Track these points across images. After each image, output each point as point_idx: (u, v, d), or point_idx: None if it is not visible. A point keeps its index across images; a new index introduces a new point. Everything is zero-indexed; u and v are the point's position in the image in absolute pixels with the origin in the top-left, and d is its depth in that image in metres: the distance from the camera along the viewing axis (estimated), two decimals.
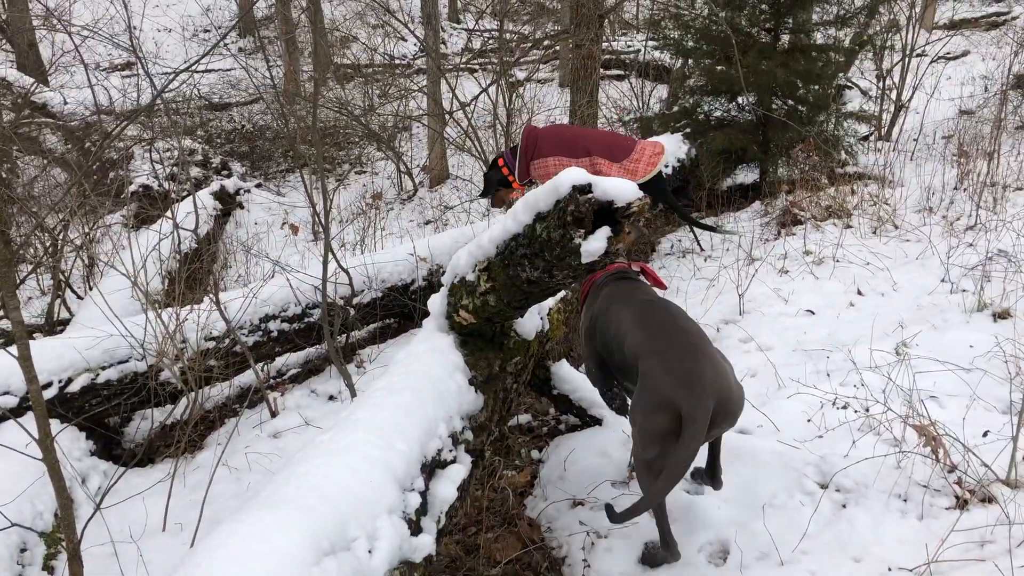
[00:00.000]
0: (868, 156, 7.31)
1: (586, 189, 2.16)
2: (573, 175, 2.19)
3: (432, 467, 2.31)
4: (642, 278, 3.25)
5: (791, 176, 6.73)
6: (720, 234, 5.56)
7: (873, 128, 8.22)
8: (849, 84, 8.37)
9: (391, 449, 2.10)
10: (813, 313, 4.49)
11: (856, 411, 3.36)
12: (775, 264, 5.14)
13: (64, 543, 2.97)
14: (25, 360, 2.72)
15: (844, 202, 5.90)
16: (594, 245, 2.15)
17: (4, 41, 11.18)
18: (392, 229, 8.02)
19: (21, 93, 8.92)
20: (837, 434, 3.27)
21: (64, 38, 10.84)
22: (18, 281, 5.43)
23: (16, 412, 3.69)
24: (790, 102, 6.84)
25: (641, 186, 4.28)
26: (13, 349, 2.73)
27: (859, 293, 4.63)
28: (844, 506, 2.85)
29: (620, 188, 2.15)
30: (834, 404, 3.45)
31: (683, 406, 2.36)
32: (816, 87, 6.70)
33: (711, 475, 2.87)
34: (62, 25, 5.90)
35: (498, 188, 5.17)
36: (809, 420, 3.37)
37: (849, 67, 8.16)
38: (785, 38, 6.94)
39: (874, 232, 5.47)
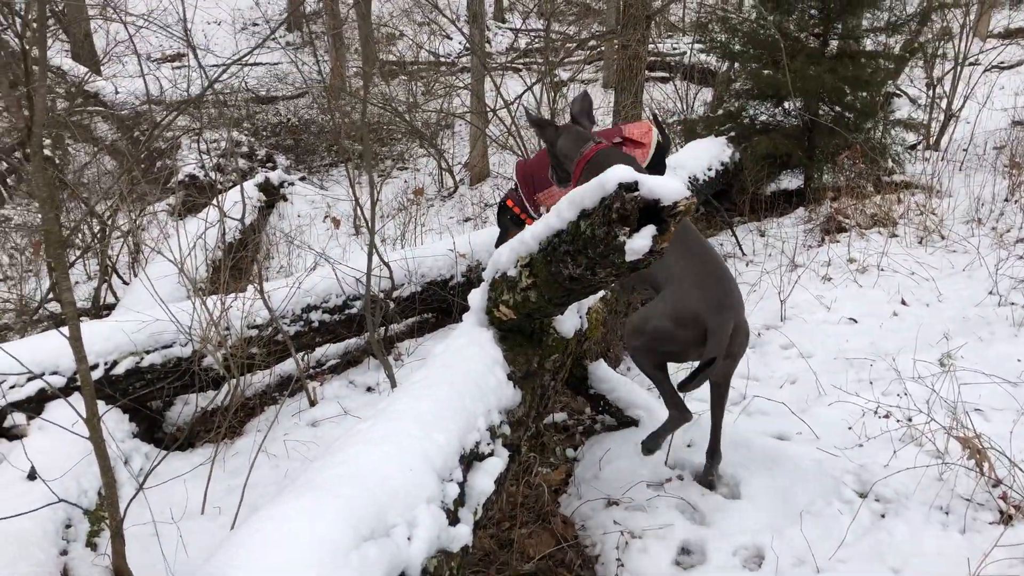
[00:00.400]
0: (915, 165, 7.20)
1: (632, 187, 2.15)
2: (620, 173, 2.19)
3: (470, 459, 2.32)
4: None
5: (836, 183, 6.64)
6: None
7: (921, 137, 8.09)
8: (898, 92, 8.25)
9: (430, 440, 2.11)
10: (856, 321, 4.43)
11: (898, 420, 3.32)
12: (818, 271, 5.08)
13: (107, 521, 3.04)
14: (76, 340, 2.78)
15: (890, 211, 5.81)
16: (639, 243, 2.15)
17: (60, 31, 11.42)
18: (432, 225, 8.07)
19: (75, 82, 9.11)
20: (878, 443, 3.23)
21: (118, 28, 11.05)
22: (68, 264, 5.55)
23: (63, 392, 3.77)
24: (837, 108, 6.75)
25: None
26: (64, 329, 2.80)
27: (903, 303, 4.56)
28: (883, 516, 2.82)
29: (667, 187, 2.14)
30: (876, 413, 3.41)
31: (710, 322, 2.73)
32: (864, 94, 6.61)
33: (711, 451, 3.09)
34: (118, 15, 6.02)
35: (511, 229, 4.98)
36: (850, 428, 3.33)
37: (899, 74, 8.04)
38: (834, 43, 6.86)
39: (920, 242, 5.38)
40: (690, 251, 2.95)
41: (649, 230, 2.17)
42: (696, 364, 2.75)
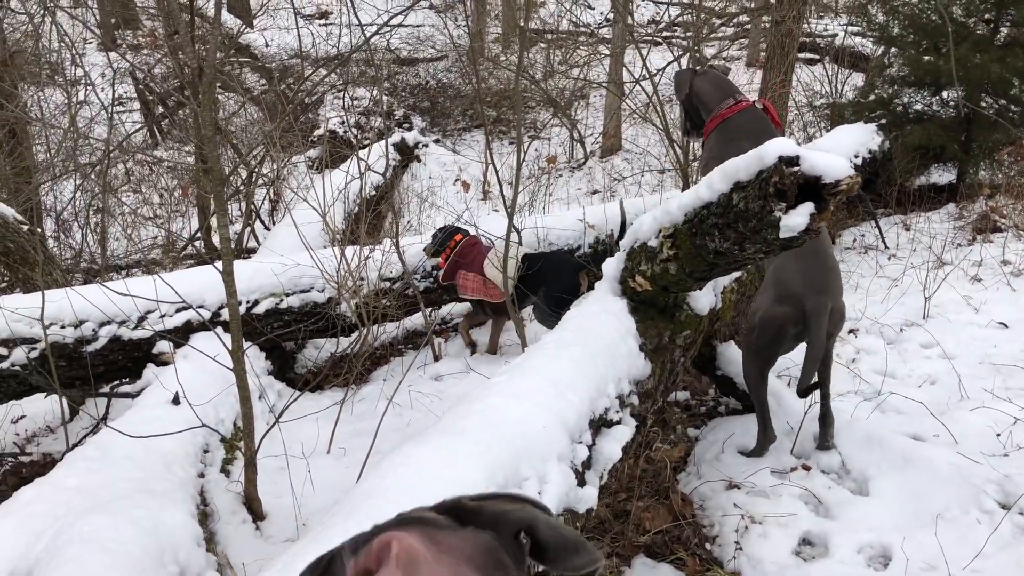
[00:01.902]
0: None
1: (793, 161, 2.08)
2: (780, 145, 2.12)
3: (599, 424, 2.32)
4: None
5: (994, 180, 6.24)
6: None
7: None
8: None
9: (563, 399, 2.13)
10: (1006, 326, 4.18)
11: None
12: (967, 270, 4.81)
13: (241, 449, 3.21)
14: (228, 275, 2.92)
15: None
16: (795, 220, 2.08)
17: None
18: (560, 195, 8.06)
19: (229, 33, 9.51)
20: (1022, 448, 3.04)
21: None
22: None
23: (206, 327, 3.98)
24: (1002, 101, 6.32)
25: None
26: (218, 264, 2.94)
27: None
28: None
29: (830, 163, 2.06)
30: None
31: (808, 304, 2.95)
32: None
33: (823, 417, 3.18)
34: None
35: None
36: (998, 435, 3.14)
37: None
38: (1004, 31, 6.41)
39: None
40: None
41: (807, 207, 2.10)
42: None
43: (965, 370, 3.77)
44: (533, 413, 1.99)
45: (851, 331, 4.28)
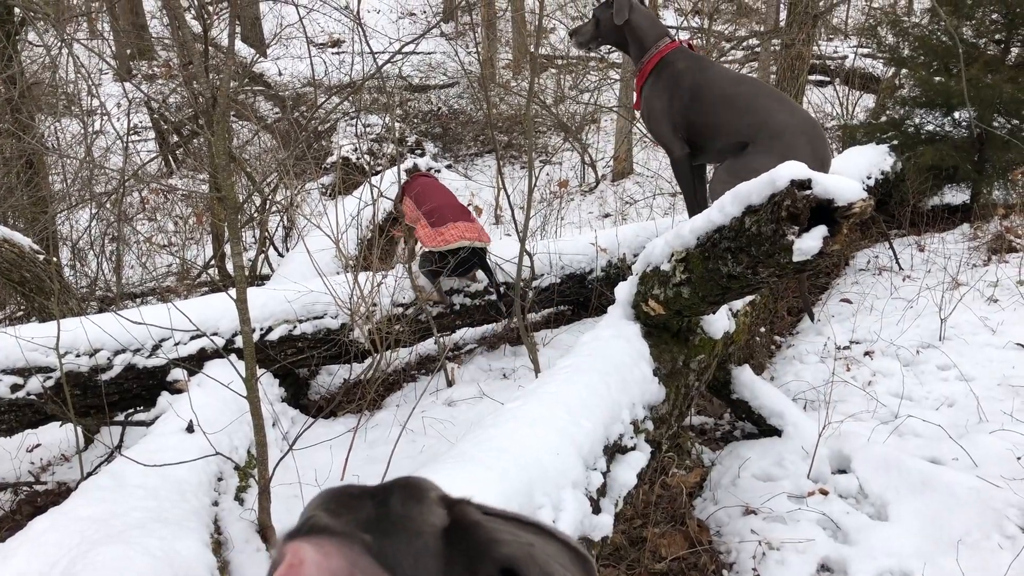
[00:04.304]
0: None
1: (806, 184, 2.08)
2: (793, 169, 2.12)
3: (613, 450, 2.31)
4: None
5: (1008, 200, 6.21)
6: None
7: None
8: None
9: (577, 426, 2.12)
10: None
11: None
12: (983, 291, 4.77)
13: (255, 478, 3.20)
14: (242, 303, 2.93)
15: None
16: (808, 244, 2.07)
17: (226, 12, 12.10)
18: (572, 219, 8.07)
19: (243, 63, 9.63)
20: None
21: (287, 11, 11.61)
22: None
23: (220, 354, 3.99)
24: (1015, 121, 6.30)
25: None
26: (232, 292, 2.96)
27: None
28: None
29: (843, 187, 2.06)
30: None
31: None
32: None
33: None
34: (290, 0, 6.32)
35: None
36: (1019, 459, 3.10)
37: None
38: (1015, 51, 6.40)
39: None
40: (784, 102, 3.87)
41: (820, 231, 2.09)
42: None
43: (983, 392, 3.73)
44: (547, 440, 1.98)
45: (867, 353, 4.25)
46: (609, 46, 4.47)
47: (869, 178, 6.12)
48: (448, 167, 9.86)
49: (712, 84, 3.99)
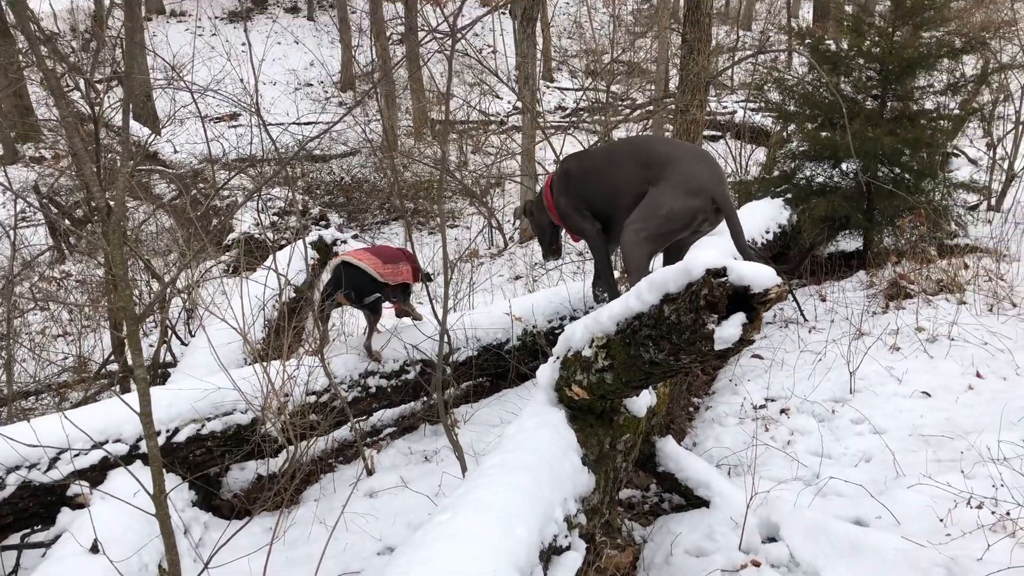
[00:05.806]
0: (978, 228, 7.02)
1: (721, 273, 2.09)
2: (706, 258, 2.13)
3: (549, 554, 2.24)
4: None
5: (898, 246, 6.50)
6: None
7: (982, 198, 7.90)
8: (956, 152, 8.06)
9: (511, 537, 2.04)
10: (929, 395, 4.27)
11: (993, 512, 3.15)
12: (885, 340, 4.93)
13: None
14: (146, 416, 2.78)
15: (956, 276, 5.65)
16: (729, 332, 2.08)
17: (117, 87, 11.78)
18: (483, 284, 8.04)
19: (137, 142, 9.35)
20: (967, 533, 3.06)
21: (181, 90, 11.37)
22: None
23: (125, 460, 3.76)
24: (896, 170, 6.64)
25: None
26: (134, 402, 2.79)
27: (978, 376, 4.40)
28: None
29: (757, 274, 2.08)
30: (968, 503, 3.23)
31: (716, 193, 3.69)
32: (923, 154, 6.50)
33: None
34: (184, 83, 6.17)
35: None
36: (941, 520, 3.15)
37: (955, 135, 7.89)
38: (890, 105, 6.77)
39: (990, 310, 5.21)
40: (667, 142, 4.31)
41: (739, 318, 2.10)
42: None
43: (896, 444, 3.82)
44: (482, 559, 1.89)
45: (783, 411, 4.32)
46: None
47: (768, 232, 6.32)
48: (355, 237, 9.74)
49: (595, 156, 4.45)
